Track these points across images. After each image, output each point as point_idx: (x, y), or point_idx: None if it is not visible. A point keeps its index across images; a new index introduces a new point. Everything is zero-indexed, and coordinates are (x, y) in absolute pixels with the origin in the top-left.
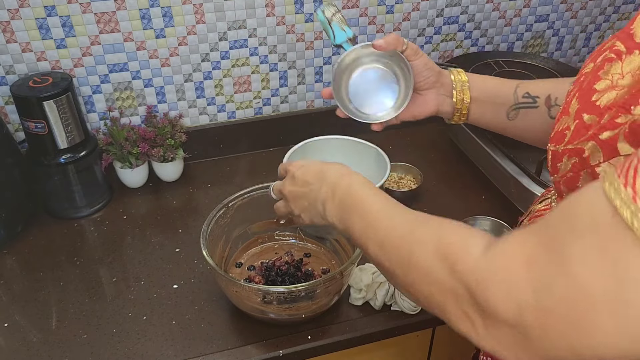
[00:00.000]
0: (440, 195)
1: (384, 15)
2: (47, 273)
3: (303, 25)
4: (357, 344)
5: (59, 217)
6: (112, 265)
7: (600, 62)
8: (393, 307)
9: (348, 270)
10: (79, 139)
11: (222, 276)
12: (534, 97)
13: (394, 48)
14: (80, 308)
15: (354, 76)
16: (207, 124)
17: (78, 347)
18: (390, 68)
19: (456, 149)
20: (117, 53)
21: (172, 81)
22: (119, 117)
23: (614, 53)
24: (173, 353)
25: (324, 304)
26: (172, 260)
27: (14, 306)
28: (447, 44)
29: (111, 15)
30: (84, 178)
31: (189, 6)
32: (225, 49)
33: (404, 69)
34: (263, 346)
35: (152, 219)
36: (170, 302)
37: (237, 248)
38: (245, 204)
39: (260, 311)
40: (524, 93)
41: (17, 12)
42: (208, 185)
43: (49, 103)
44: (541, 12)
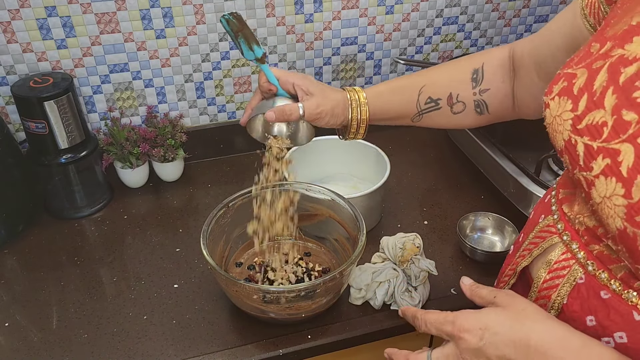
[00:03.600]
0: (439, 194)
1: (384, 15)
2: (47, 273)
3: (303, 25)
4: (357, 344)
5: (60, 217)
6: (113, 265)
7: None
8: (393, 306)
9: (348, 269)
10: (80, 139)
11: (222, 276)
12: (436, 101)
13: (284, 121)
14: (80, 308)
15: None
16: (208, 124)
17: (78, 346)
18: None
19: (456, 148)
20: (117, 53)
21: (172, 81)
22: (120, 117)
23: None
24: (173, 352)
25: (323, 304)
26: (172, 260)
27: (15, 306)
28: (447, 44)
29: (112, 15)
30: (84, 178)
31: (190, 7)
32: (225, 49)
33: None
34: (263, 345)
35: (152, 219)
36: (171, 301)
37: (237, 248)
38: (245, 204)
39: (260, 311)
40: (426, 99)
41: (17, 13)
42: (208, 185)
43: (49, 103)
44: (540, 12)
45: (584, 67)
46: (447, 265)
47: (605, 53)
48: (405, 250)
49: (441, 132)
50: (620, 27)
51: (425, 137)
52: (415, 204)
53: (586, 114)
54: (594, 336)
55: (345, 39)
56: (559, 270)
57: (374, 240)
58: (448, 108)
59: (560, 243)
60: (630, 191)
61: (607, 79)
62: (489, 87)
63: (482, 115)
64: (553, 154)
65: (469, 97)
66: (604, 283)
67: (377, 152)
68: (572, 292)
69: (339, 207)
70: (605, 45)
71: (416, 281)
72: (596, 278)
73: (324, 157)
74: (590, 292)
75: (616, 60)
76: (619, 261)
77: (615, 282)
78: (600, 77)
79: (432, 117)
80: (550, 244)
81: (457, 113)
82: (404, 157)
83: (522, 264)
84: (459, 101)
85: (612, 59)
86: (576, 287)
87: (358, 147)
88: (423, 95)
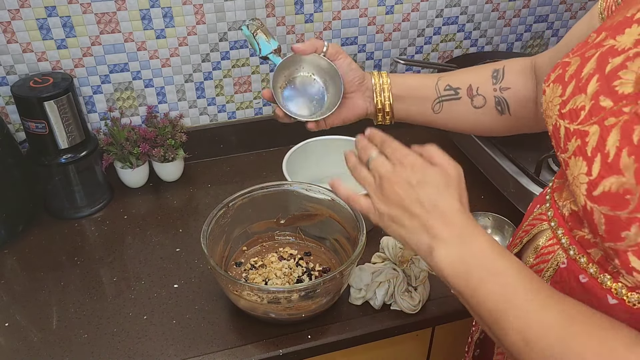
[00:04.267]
0: None
1: (384, 15)
2: (47, 273)
3: (303, 25)
4: (357, 344)
5: (60, 217)
6: (113, 265)
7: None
8: (393, 306)
9: (348, 269)
10: (80, 139)
11: (222, 276)
12: (455, 89)
13: (313, 51)
14: (80, 308)
15: (288, 82)
16: (208, 124)
17: (78, 346)
18: (321, 75)
19: (455, 148)
20: (117, 53)
21: (172, 81)
22: (120, 117)
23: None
24: (173, 352)
25: (323, 304)
26: (172, 260)
27: (15, 306)
28: (447, 44)
29: (112, 15)
30: (84, 178)
31: (190, 7)
32: (225, 49)
33: (334, 76)
34: (263, 345)
35: (152, 219)
36: (171, 301)
37: (237, 248)
38: (245, 204)
39: (260, 311)
40: (445, 86)
41: (17, 13)
42: (208, 185)
43: (49, 103)
44: (540, 12)
45: (578, 56)
46: None
47: (599, 42)
48: (405, 250)
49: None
50: (616, 19)
51: (426, 137)
52: None
53: (570, 99)
54: None
55: (345, 39)
56: (545, 255)
57: (374, 240)
58: (468, 100)
59: (549, 229)
60: (591, 169)
61: (595, 67)
62: (510, 86)
63: (503, 115)
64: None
65: (490, 92)
66: (582, 267)
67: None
68: (554, 277)
69: (339, 207)
70: (600, 35)
71: (416, 281)
72: (576, 262)
73: (324, 157)
74: (570, 276)
75: (606, 50)
76: (597, 245)
77: (593, 266)
78: (590, 65)
79: (453, 109)
80: (539, 230)
81: (478, 108)
82: None
83: (514, 252)
84: (479, 94)
85: (603, 49)
86: (559, 272)
87: None
88: (442, 81)
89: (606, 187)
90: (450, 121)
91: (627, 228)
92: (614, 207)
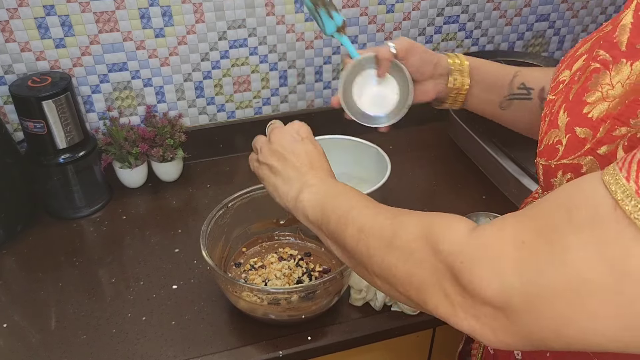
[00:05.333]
0: (440, 194)
1: (384, 14)
2: (46, 273)
3: (303, 24)
4: (357, 345)
5: (58, 217)
6: (112, 266)
7: (586, 73)
8: (393, 307)
9: (348, 270)
10: (78, 139)
11: (222, 276)
12: (529, 89)
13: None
14: (79, 308)
15: (357, 81)
16: (207, 123)
17: (77, 347)
18: (390, 72)
19: (456, 148)
20: (116, 53)
21: (171, 81)
22: (119, 117)
23: (600, 63)
24: (172, 354)
25: (324, 305)
26: (171, 260)
27: (13, 306)
28: (448, 43)
29: (110, 14)
30: (83, 178)
31: (189, 5)
32: (224, 48)
33: (404, 73)
34: (263, 347)
35: (151, 219)
36: (170, 302)
37: (236, 248)
38: (245, 204)
39: (260, 312)
40: (520, 84)
41: (16, 12)
42: (208, 185)
43: (48, 103)
44: (542, 11)
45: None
46: None
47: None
48: None
49: (442, 131)
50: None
51: (426, 136)
52: (416, 204)
53: (544, 136)
54: None
55: None
56: None
57: None
58: (538, 102)
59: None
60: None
61: (563, 98)
62: None
63: None
64: None
65: None
66: None
67: (378, 152)
68: None
69: None
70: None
71: None
72: None
73: None
74: None
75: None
76: None
77: None
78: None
79: (521, 106)
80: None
81: None
82: (405, 157)
83: None
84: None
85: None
86: None
87: (358, 147)
88: (518, 78)
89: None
90: (513, 119)
91: (554, 175)
92: (548, 157)
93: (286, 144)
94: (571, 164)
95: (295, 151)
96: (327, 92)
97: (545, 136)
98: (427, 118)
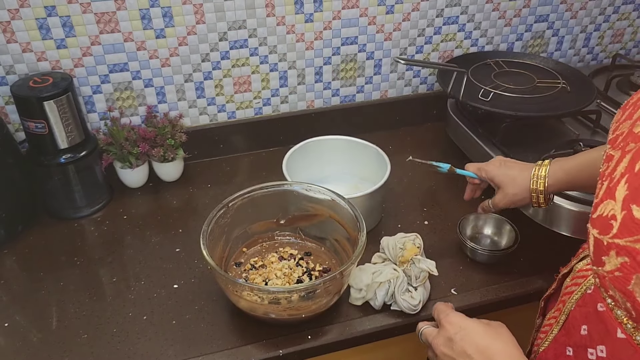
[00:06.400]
0: (439, 195)
1: (384, 15)
2: (47, 273)
3: (303, 25)
4: (357, 344)
5: (59, 217)
6: (112, 265)
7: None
8: (393, 307)
9: (348, 270)
10: (79, 139)
11: (222, 276)
12: None
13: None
14: (80, 308)
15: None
16: (207, 124)
17: (78, 347)
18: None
19: (456, 148)
20: (117, 53)
21: (172, 81)
22: (119, 117)
23: None
24: (173, 353)
25: (324, 304)
26: (172, 260)
27: (14, 306)
28: (447, 44)
29: (111, 15)
30: (84, 178)
31: (189, 6)
32: (225, 49)
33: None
34: (263, 346)
35: (152, 219)
36: (171, 302)
37: (237, 248)
38: (245, 204)
39: (260, 311)
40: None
41: (17, 12)
42: (208, 185)
43: (49, 103)
44: (541, 12)
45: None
46: (448, 266)
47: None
48: (405, 251)
49: (442, 132)
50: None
51: (426, 137)
52: (416, 204)
53: (600, 203)
54: (583, 345)
55: (345, 38)
56: (579, 278)
57: (374, 240)
58: None
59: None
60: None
61: (627, 165)
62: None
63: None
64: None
65: None
66: (603, 297)
67: (377, 152)
68: (579, 301)
69: (339, 207)
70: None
71: (416, 281)
72: (600, 291)
73: (324, 157)
74: (591, 302)
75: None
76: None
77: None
78: (625, 161)
79: None
80: (585, 254)
81: None
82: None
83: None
84: None
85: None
86: (585, 296)
87: (358, 147)
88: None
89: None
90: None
91: (606, 253)
92: (601, 231)
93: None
94: (626, 246)
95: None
96: (327, 93)
97: (600, 204)
98: (427, 118)
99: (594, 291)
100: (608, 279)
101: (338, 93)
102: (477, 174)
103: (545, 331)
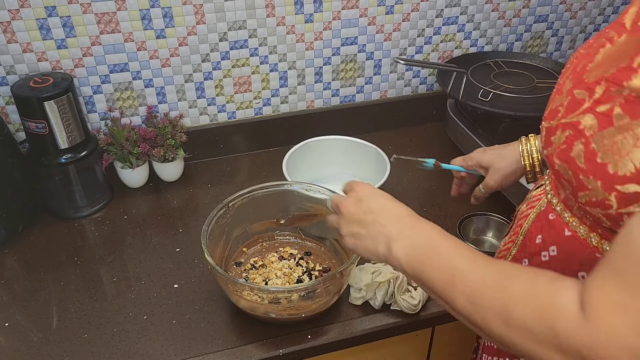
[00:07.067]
0: (439, 194)
1: (384, 15)
2: (47, 273)
3: (303, 25)
4: (357, 344)
5: (60, 216)
6: (113, 265)
7: (595, 47)
8: (393, 306)
9: (348, 269)
10: (80, 139)
11: (222, 276)
12: None
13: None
14: (80, 308)
15: None
16: (208, 124)
17: (79, 346)
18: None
19: (456, 148)
20: (117, 53)
21: (172, 81)
22: (120, 117)
23: (607, 39)
24: (173, 352)
25: (323, 304)
26: (172, 260)
27: (15, 306)
28: (447, 44)
29: (112, 15)
30: (84, 178)
31: (189, 7)
32: (225, 49)
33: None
34: (263, 345)
35: (152, 219)
36: (171, 301)
37: (237, 248)
38: (245, 204)
39: (260, 311)
40: None
41: (17, 13)
42: (208, 185)
43: (49, 103)
44: (540, 12)
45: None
46: None
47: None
48: None
49: (441, 132)
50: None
51: (425, 137)
52: (416, 204)
53: (550, 101)
54: (537, 252)
55: (345, 39)
56: (533, 202)
57: None
58: None
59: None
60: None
61: (572, 69)
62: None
63: None
64: None
65: None
66: (553, 207)
67: (377, 152)
68: (535, 218)
69: None
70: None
71: None
72: (550, 204)
73: (324, 157)
74: (544, 216)
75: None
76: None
77: (560, 204)
78: (569, 68)
79: None
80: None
81: None
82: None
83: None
84: None
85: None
86: (538, 214)
87: (358, 147)
88: None
89: (552, 105)
90: None
91: (554, 133)
92: (551, 119)
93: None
94: (570, 122)
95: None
96: (327, 93)
97: (551, 102)
98: (426, 118)
99: (546, 206)
100: (555, 154)
101: (338, 93)
102: (463, 165)
103: (503, 255)
